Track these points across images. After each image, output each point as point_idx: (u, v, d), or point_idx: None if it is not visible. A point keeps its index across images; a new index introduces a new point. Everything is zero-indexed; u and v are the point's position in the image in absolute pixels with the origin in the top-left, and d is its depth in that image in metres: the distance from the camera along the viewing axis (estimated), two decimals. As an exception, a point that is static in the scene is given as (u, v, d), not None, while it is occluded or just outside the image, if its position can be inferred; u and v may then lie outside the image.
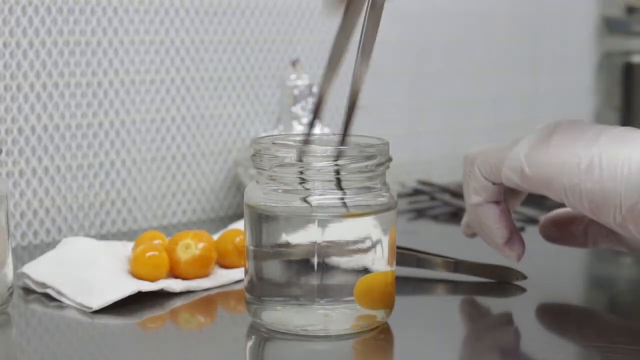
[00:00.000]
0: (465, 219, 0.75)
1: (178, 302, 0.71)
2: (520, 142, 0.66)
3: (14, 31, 0.87)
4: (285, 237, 0.61)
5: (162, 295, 0.71)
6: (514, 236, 0.70)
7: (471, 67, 1.35)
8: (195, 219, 1.02)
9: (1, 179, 0.69)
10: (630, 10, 1.60)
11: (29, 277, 0.72)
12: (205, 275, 0.75)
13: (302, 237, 0.61)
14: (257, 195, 0.62)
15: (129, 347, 0.63)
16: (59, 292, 0.70)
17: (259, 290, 0.63)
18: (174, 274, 0.74)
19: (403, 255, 0.76)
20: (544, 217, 0.75)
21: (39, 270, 0.72)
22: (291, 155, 0.61)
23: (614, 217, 0.60)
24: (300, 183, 0.61)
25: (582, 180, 0.61)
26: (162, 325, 0.69)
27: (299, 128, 1.00)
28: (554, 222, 0.75)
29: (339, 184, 0.61)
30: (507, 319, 0.70)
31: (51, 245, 0.79)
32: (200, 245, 0.74)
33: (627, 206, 0.59)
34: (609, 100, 1.58)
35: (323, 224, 0.60)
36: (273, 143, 0.63)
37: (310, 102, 1.00)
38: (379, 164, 0.62)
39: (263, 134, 1.05)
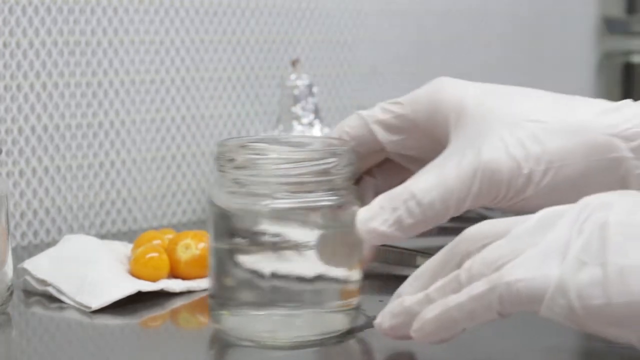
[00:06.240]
0: None
1: (178, 302, 0.71)
2: (548, 255, 0.47)
3: (14, 31, 0.87)
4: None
5: (162, 295, 0.71)
6: None
7: (471, 67, 1.35)
8: (195, 219, 1.02)
9: (1, 179, 0.69)
10: (630, 10, 1.60)
11: (29, 272, 0.72)
12: (205, 275, 0.74)
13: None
14: (220, 198, 0.61)
15: (129, 347, 0.63)
16: (59, 290, 0.70)
17: (222, 294, 0.61)
18: (174, 274, 0.74)
19: (403, 255, 0.76)
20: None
21: (40, 266, 0.72)
22: (254, 158, 0.59)
23: None
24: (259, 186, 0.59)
25: None
26: (162, 325, 0.69)
27: (299, 128, 1.00)
28: None
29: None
30: (505, 319, 0.70)
31: (51, 245, 0.79)
32: (200, 245, 0.74)
33: None
34: (609, 100, 1.57)
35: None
36: (237, 146, 0.61)
37: (311, 102, 1.00)
38: (340, 166, 0.60)
39: (263, 134, 1.05)
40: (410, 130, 0.62)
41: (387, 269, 0.76)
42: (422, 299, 0.52)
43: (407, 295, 0.54)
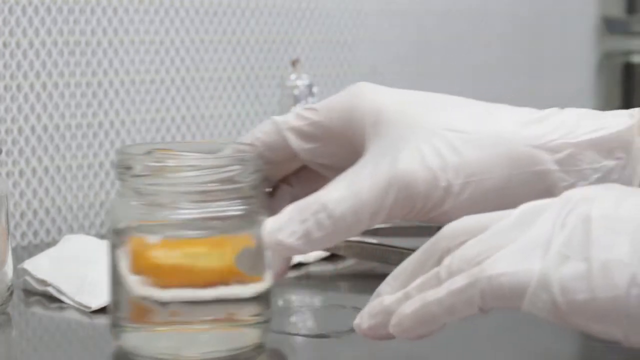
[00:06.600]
0: None
1: (178, 302, 0.71)
2: (527, 243, 0.46)
3: (14, 31, 0.87)
4: None
5: (162, 295, 0.71)
6: None
7: (471, 67, 1.35)
8: (195, 219, 1.02)
9: (1, 179, 0.69)
10: (630, 10, 1.60)
11: (29, 273, 0.72)
12: (205, 275, 0.74)
13: None
14: (120, 209, 0.57)
15: (129, 347, 0.63)
16: (59, 290, 0.70)
17: (121, 310, 0.58)
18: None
19: (403, 255, 0.76)
20: None
21: (40, 266, 0.72)
22: (153, 166, 0.56)
23: None
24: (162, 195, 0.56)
25: None
26: (162, 325, 0.69)
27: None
28: None
29: None
30: (504, 318, 0.70)
31: (51, 245, 0.79)
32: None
33: None
34: (609, 100, 1.58)
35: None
36: (137, 153, 0.58)
37: (311, 102, 1.00)
38: (246, 174, 0.57)
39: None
40: (325, 138, 0.58)
41: (387, 269, 0.76)
42: (401, 297, 0.50)
43: (386, 295, 0.53)
